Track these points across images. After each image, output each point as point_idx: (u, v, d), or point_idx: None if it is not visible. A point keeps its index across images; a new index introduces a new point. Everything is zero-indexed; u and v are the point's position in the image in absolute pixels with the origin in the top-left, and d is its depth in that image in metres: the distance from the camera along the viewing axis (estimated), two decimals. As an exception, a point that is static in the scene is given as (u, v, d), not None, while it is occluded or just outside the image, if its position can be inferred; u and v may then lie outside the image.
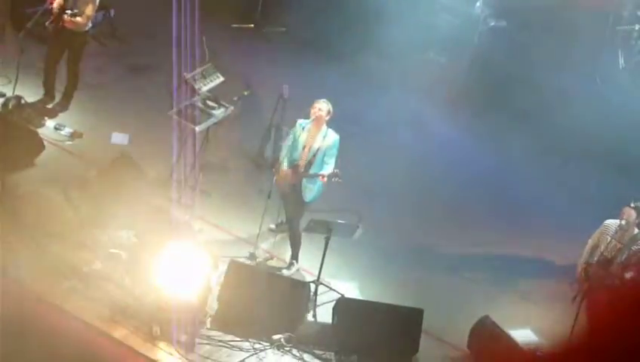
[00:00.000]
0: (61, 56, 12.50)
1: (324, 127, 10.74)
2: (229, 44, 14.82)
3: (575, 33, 14.64)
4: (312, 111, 10.69)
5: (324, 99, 10.77)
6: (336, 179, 10.53)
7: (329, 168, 10.58)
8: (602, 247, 10.48)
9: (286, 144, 10.99)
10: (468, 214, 12.50)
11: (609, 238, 10.46)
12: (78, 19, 12.07)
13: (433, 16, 15.14)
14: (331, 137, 10.68)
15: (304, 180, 10.72)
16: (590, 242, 10.70)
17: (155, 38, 14.68)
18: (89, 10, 12.19)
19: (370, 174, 12.28)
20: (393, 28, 14.14)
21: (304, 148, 10.73)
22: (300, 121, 10.84)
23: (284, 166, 10.79)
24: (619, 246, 10.42)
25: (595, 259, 10.50)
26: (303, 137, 10.75)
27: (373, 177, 12.32)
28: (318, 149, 10.67)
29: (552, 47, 14.79)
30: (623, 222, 10.40)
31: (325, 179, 10.54)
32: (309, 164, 10.71)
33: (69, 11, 11.98)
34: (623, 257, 10.38)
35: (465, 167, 13.40)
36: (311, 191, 10.76)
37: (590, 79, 15.03)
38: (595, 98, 14.26)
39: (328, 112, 10.69)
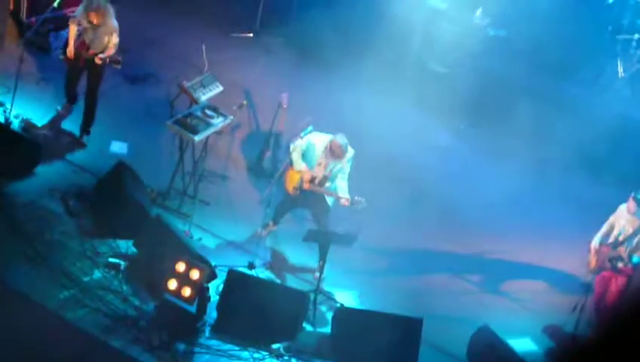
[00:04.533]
0: (82, 74, 12.37)
1: None
2: (229, 53, 14.84)
3: (575, 42, 14.68)
4: (331, 147, 10.82)
5: (341, 135, 10.85)
6: (360, 206, 10.72)
7: (345, 186, 10.86)
8: (616, 231, 10.80)
9: (297, 150, 11.02)
10: (467, 223, 12.50)
11: (623, 223, 10.67)
12: (111, 52, 11.91)
13: (433, 25, 15.17)
14: (349, 153, 10.93)
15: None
16: (606, 225, 10.95)
17: (155, 47, 14.71)
18: (114, 38, 11.92)
19: (369, 183, 12.25)
20: (393, 37, 14.17)
21: (319, 164, 10.91)
22: (311, 139, 10.96)
23: (301, 167, 10.96)
24: (630, 231, 10.67)
25: (610, 241, 10.80)
26: (317, 155, 10.93)
27: (372, 186, 12.30)
28: (334, 166, 10.90)
29: (552, 56, 14.82)
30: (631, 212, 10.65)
31: (348, 203, 10.76)
32: (325, 178, 10.94)
33: (102, 55, 11.73)
34: (634, 242, 10.70)
35: (464, 176, 13.41)
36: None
37: (590, 88, 15.06)
38: (595, 107, 14.28)
39: (341, 148, 10.79)
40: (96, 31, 11.86)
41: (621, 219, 10.82)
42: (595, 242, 10.89)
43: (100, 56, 11.77)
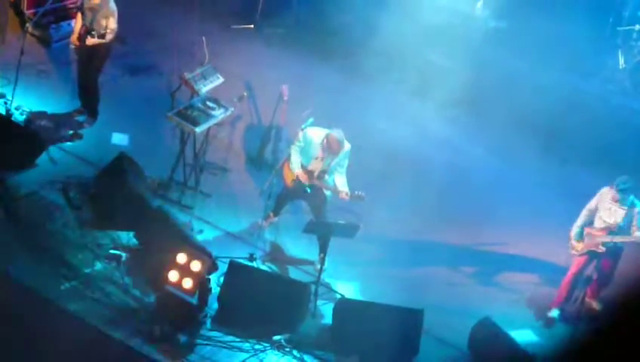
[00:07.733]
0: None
1: None
2: (229, 45, 14.84)
3: (575, 33, 14.67)
4: (327, 142, 10.73)
5: (337, 130, 10.77)
6: (360, 200, 10.72)
7: (343, 180, 10.79)
8: (605, 215, 10.68)
9: (295, 148, 11.00)
10: (469, 215, 12.49)
11: (607, 204, 10.68)
12: (109, 37, 11.87)
13: (434, 16, 15.15)
14: (345, 148, 10.81)
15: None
16: (587, 210, 10.90)
17: (155, 39, 14.71)
18: (111, 23, 11.88)
19: (370, 175, 12.27)
20: (394, 29, 14.14)
21: (316, 158, 10.86)
22: (308, 133, 10.90)
23: (297, 169, 10.93)
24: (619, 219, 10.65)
25: (601, 226, 10.72)
26: (314, 149, 10.85)
27: (373, 178, 12.32)
28: (332, 160, 10.84)
29: (553, 48, 14.81)
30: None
31: (347, 197, 10.72)
32: (323, 172, 10.90)
33: (93, 32, 11.76)
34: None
35: (465, 168, 13.41)
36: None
37: (591, 80, 15.06)
38: (596, 99, 14.28)
39: (338, 143, 10.72)
40: (95, 14, 11.87)
41: (605, 202, 10.71)
42: (575, 229, 10.86)
43: (93, 33, 11.77)
